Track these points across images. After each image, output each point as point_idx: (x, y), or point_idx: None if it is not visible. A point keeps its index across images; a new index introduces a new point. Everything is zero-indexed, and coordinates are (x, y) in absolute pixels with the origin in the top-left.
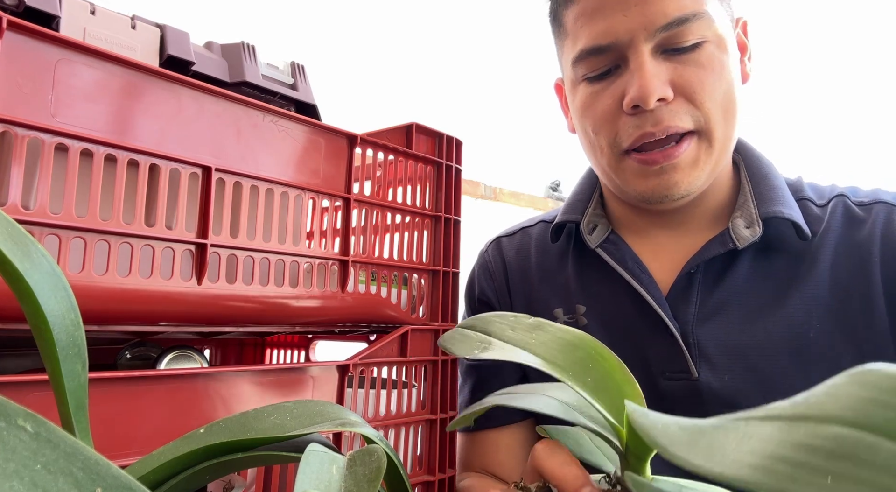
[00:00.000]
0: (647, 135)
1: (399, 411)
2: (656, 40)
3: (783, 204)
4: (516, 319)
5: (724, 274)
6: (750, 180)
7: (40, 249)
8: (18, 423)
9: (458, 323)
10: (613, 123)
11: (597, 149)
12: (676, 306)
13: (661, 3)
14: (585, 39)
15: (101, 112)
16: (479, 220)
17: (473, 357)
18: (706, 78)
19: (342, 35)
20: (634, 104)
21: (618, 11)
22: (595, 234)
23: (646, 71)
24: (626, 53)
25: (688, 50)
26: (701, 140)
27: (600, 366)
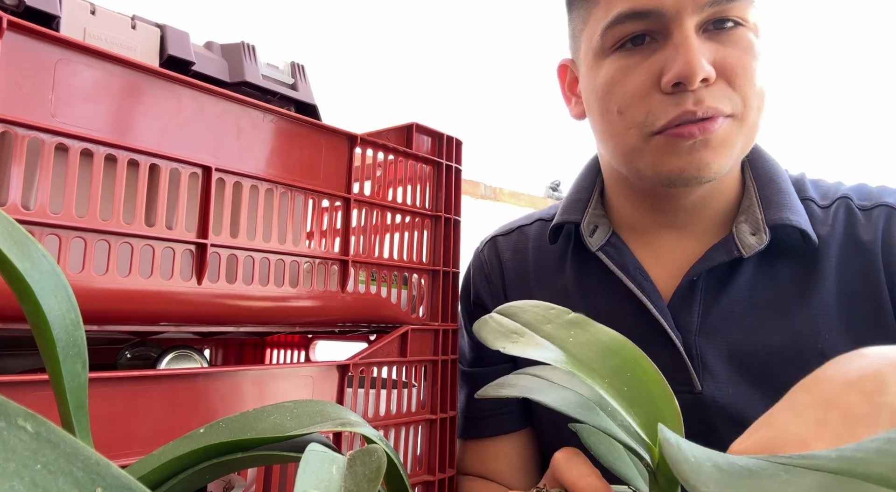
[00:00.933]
0: (687, 113)
1: (399, 411)
2: (703, 15)
3: (791, 210)
4: (556, 313)
5: (727, 282)
6: (756, 182)
7: (40, 249)
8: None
9: (494, 309)
10: (645, 101)
11: (619, 131)
12: (678, 315)
13: None
14: (625, 2)
15: (101, 112)
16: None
17: (502, 350)
18: (748, 62)
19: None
20: (677, 81)
21: None
22: (596, 236)
23: (692, 47)
24: (669, 25)
25: (729, 28)
26: (734, 122)
27: (638, 376)
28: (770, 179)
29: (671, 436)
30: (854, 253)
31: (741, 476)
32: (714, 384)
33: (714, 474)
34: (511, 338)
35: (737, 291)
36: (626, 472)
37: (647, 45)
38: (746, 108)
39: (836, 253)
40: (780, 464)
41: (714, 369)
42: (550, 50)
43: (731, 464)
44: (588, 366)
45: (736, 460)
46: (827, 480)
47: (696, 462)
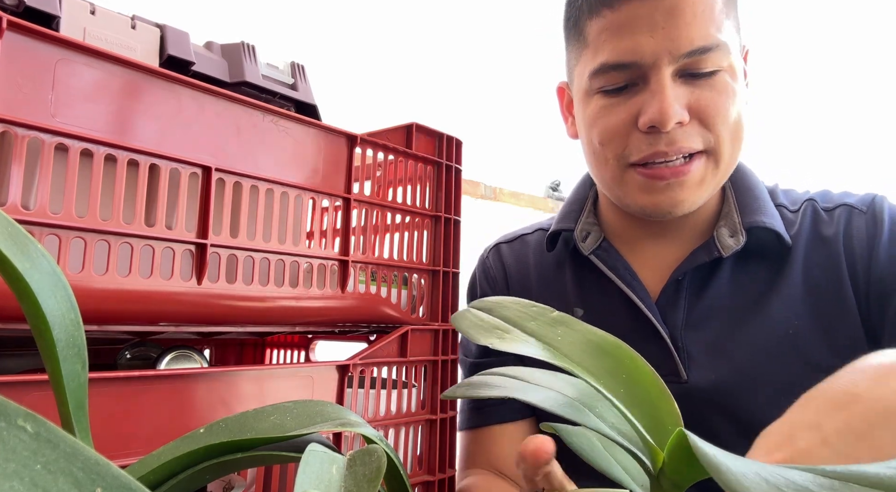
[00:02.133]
0: (658, 153)
1: (399, 411)
2: (678, 65)
3: (765, 214)
4: (538, 310)
5: (709, 281)
6: (734, 191)
7: (40, 249)
8: (18, 423)
9: (470, 303)
10: (624, 138)
11: (601, 160)
12: (665, 312)
13: (687, 29)
14: (608, 54)
15: (101, 112)
16: (479, 220)
17: (490, 345)
18: (721, 103)
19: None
20: (652, 125)
21: (645, 32)
22: (588, 241)
23: (667, 94)
24: (648, 73)
25: (705, 76)
26: (709, 160)
27: (634, 377)
28: (747, 188)
29: (702, 442)
30: (818, 248)
31: (795, 488)
32: (698, 373)
33: (763, 486)
34: (496, 334)
35: (718, 289)
36: (613, 471)
37: (628, 89)
38: (719, 144)
39: (803, 249)
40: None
41: (698, 359)
42: (550, 50)
43: (775, 475)
44: (582, 366)
45: (781, 471)
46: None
47: (740, 471)
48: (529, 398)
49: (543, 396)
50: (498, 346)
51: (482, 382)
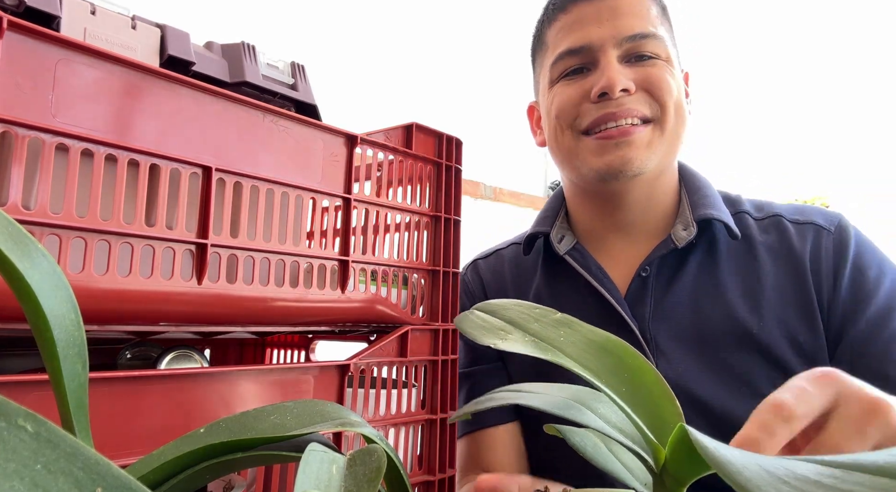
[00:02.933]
0: (608, 116)
1: (399, 411)
2: (622, 49)
3: (713, 208)
4: (541, 312)
5: (674, 276)
6: (687, 193)
7: (41, 249)
8: (19, 423)
9: (474, 306)
10: (577, 107)
11: (558, 133)
12: (634, 305)
13: (627, 19)
14: (564, 44)
15: (101, 112)
16: (479, 220)
17: (493, 346)
18: (663, 76)
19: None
20: (602, 92)
21: (593, 23)
22: (563, 243)
23: (613, 67)
24: (598, 56)
25: (645, 59)
26: (655, 128)
27: (636, 376)
28: (697, 188)
29: (706, 438)
30: (786, 260)
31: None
32: (666, 364)
33: (765, 477)
34: (499, 334)
35: (681, 283)
36: (616, 470)
37: (583, 73)
38: (665, 114)
39: (772, 260)
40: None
41: (665, 350)
42: None
43: (776, 466)
44: (584, 365)
45: (783, 462)
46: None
47: (743, 465)
48: (531, 402)
49: (543, 400)
50: (501, 346)
51: (487, 399)
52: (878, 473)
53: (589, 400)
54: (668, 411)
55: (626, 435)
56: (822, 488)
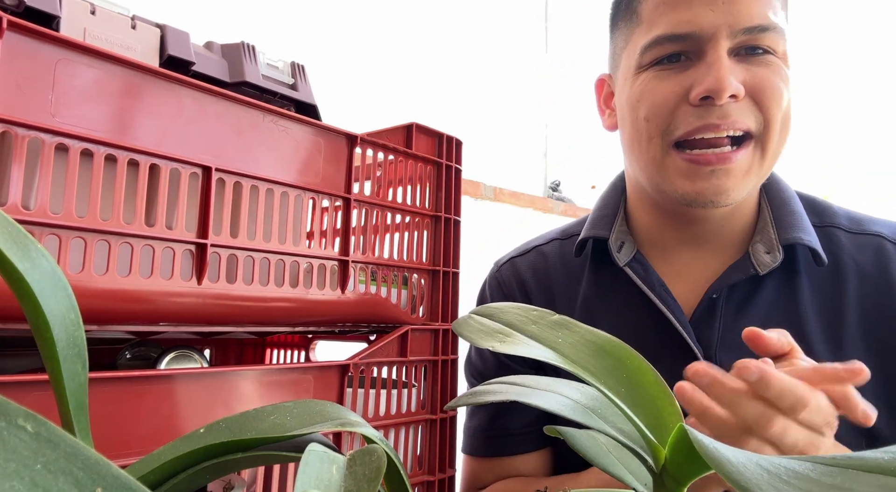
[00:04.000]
0: (709, 126)
1: (399, 411)
2: (736, 40)
3: (802, 230)
4: (538, 314)
5: (748, 301)
6: (770, 205)
7: (40, 249)
8: (19, 423)
9: (471, 310)
10: (672, 112)
11: (644, 139)
12: (700, 330)
13: (748, 4)
14: (665, 26)
15: (101, 112)
16: (479, 220)
17: (491, 348)
18: (776, 84)
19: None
20: (705, 95)
21: (705, 5)
22: (623, 251)
23: (724, 65)
24: (705, 47)
25: (760, 55)
26: (756, 148)
27: (635, 377)
28: (783, 202)
29: (703, 437)
30: (883, 292)
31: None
32: None
33: (764, 477)
34: (497, 337)
35: (756, 311)
36: (619, 473)
37: (682, 62)
38: (769, 130)
39: (861, 287)
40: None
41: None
42: (550, 50)
43: (776, 465)
44: (583, 366)
45: (782, 461)
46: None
47: (741, 464)
48: (534, 402)
49: (546, 399)
50: (499, 349)
51: (485, 390)
52: (879, 471)
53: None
54: (667, 411)
55: (626, 435)
56: (822, 487)
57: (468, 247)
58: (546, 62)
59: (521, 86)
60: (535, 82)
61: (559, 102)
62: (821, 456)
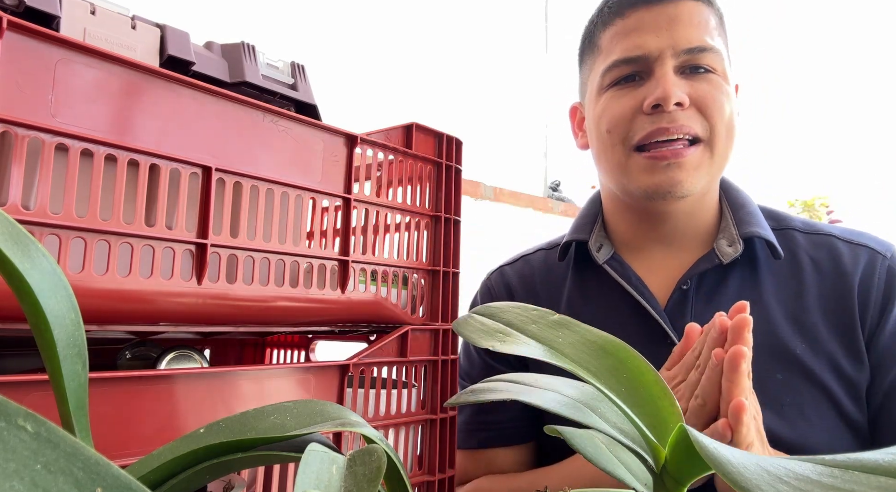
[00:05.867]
0: (661, 130)
1: (399, 411)
2: (679, 60)
3: (759, 226)
4: (539, 314)
5: (715, 291)
6: (730, 208)
7: (40, 249)
8: (19, 423)
9: (471, 309)
10: (629, 122)
11: (608, 148)
12: (674, 318)
13: (686, 31)
14: (619, 52)
15: (101, 112)
16: (479, 220)
17: (491, 348)
18: (717, 96)
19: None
20: (656, 103)
21: (651, 32)
22: (602, 252)
23: (669, 78)
24: (653, 66)
25: (701, 72)
26: (705, 149)
27: (636, 377)
28: (741, 205)
29: (705, 439)
30: (834, 278)
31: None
32: None
33: (764, 477)
34: (497, 337)
35: (724, 299)
36: (618, 473)
37: (636, 81)
38: (715, 135)
39: (819, 279)
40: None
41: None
42: (550, 50)
43: (776, 466)
44: (583, 366)
45: (782, 462)
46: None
47: (741, 464)
48: (532, 400)
49: (546, 397)
50: (499, 348)
51: (485, 388)
52: (878, 472)
53: (595, 398)
54: (667, 411)
55: (626, 435)
56: (821, 487)
57: (468, 247)
58: (546, 62)
59: (521, 86)
60: (535, 82)
61: (559, 102)
62: (821, 457)
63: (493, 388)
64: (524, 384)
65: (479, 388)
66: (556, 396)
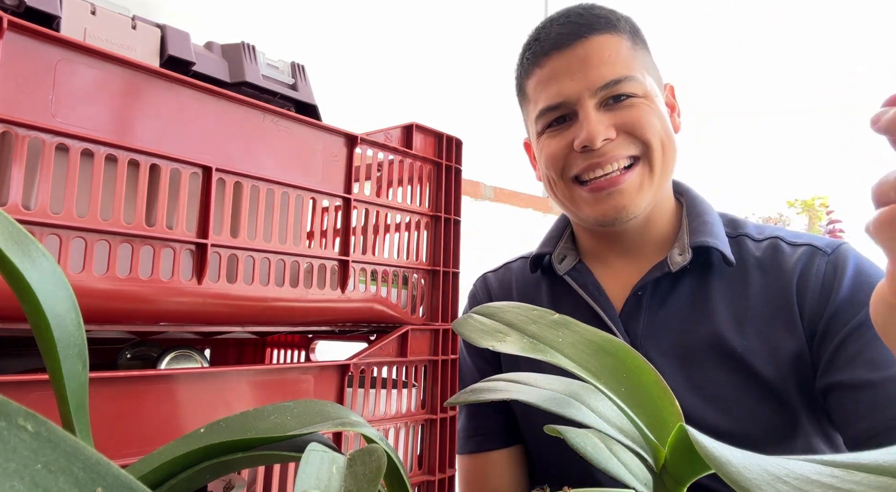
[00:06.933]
0: (593, 165)
1: (399, 411)
2: (598, 97)
3: (711, 235)
4: (539, 313)
5: (667, 296)
6: (688, 217)
7: (41, 249)
8: (19, 422)
9: (472, 309)
10: (564, 159)
11: (554, 183)
12: (628, 323)
13: (598, 69)
14: (543, 100)
15: (101, 112)
16: (479, 220)
17: (491, 348)
18: (642, 118)
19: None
20: (584, 145)
21: (566, 78)
22: (564, 263)
23: (591, 119)
24: (576, 108)
25: (623, 100)
26: (644, 166)
27: (635, 377)
28: (698, 214)
29: (705, 438)
30: (774, 274)
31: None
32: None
33: (764, 477)
34: (497, 337)
35: (674, 303)
36: (617, 472)
37: (566, 123)
38: (651, 151)
39: (762, 279)
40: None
41: (657, 364)
42: None
43: (776, 465)
44: (583, 366)
45: (783, 462)
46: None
47: (741, 464)
48: (531, 399)
49: (544, 396)
50: (499, 348)
51: (484, 387)
52: (878, 471)
53: (581, 394)
54: (667, 411)
55: (626, 435)
56: (821, 487)
57: (468, 247)
58: None
59: None
60: None
61: None
62: (821, 457)
63: (493, 387)
64: (523, 384)
65: (478, 387)
66: (555, 395)
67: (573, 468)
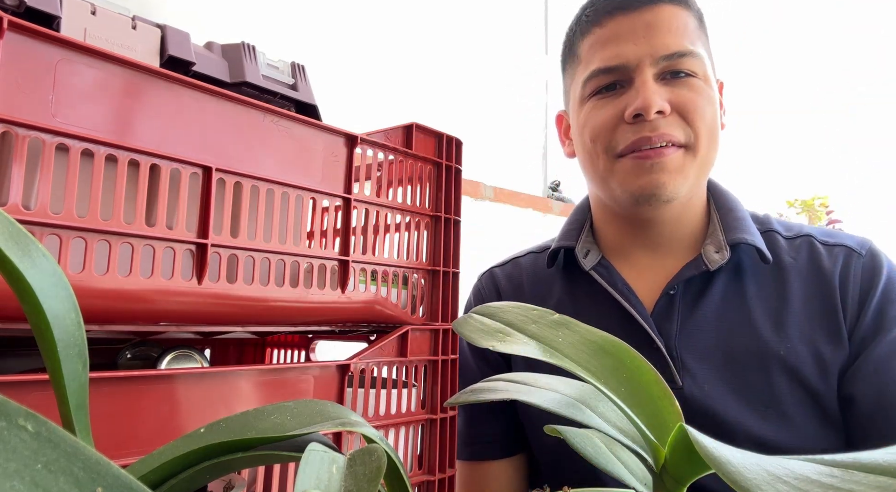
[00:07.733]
0: (643, 139)
1: (399, 411)
2: (658, 67)
3: (747, 232)
4: (539, 314)
5: (701, 295)
6: (718, 213)
7: (41, 249)
8: (19, 422)
9: (472, 309)
10: (612, 131)
11: (593, 157)
12: (660, 323)
13: (664, 37)
14: (598, 61)
15: (101, 112)
16: (479, 220)
17: (492, 348)
18: (698, 101)
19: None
20: (637, 113)
21: (629, 40)
22: (589, 258)
23: (649, 87)
24: (632, 75)
25: (682, 77)
26: (687, 153)
27: (635, 377)
28: (729, 210)
29: (705, 439)
30: (816, 281)
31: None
32: (692, 382)
33: (764, 477)
34: (497, 337)
35: (709, 304)
36: (618, 472)
37: (616, 91)
38: (698, 140)
39: (801, 281)
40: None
41: (692, 368)
42: (550, 51)
43: (776, 465)
44: (583, 366)
45: (783, 462)
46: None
47: (741, 464)
48: (531, 399)
49: (544, 397)
50: (499, 348)
51: (485, 387)
52: (878, 471)
53: (593, 397)
54: (667, 410)
55: (626, 435)
56: (821, 487)
57: (468, 247)
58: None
59: (520, 86)
60: (535, 83)
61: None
62: (821, 457)
63: (493, 387)
64: (524, 384)
65: (478, 387)
66: (556, 395)
67: (581, 475)
